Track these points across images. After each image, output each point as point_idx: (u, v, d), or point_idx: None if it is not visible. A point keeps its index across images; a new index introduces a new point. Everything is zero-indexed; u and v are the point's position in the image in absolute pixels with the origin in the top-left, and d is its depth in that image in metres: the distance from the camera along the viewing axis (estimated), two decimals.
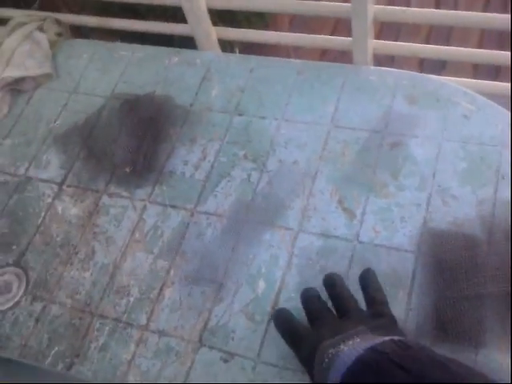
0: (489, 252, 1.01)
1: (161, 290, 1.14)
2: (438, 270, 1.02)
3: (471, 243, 1.03)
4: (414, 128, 1.22)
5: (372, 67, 1.35)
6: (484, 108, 1.21)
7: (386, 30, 2.84)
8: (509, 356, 0.93)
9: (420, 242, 1.08)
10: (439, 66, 2.56)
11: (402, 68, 1.32)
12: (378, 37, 1.36)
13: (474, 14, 1.25)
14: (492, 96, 1.26)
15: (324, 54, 2.46)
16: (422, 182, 1.15)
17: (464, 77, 1.40)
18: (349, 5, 1.26)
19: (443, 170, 1.15)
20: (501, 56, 1.29)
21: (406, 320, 1.00)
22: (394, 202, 1.14)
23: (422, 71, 1.38)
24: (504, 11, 1.23)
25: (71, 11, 1.73)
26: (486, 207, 1.08)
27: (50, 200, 1.33)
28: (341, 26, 2.95)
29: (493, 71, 2.48)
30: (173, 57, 1.50)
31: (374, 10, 1.28)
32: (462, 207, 1.10)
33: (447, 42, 2.76)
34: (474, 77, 1.44)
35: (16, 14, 1.70)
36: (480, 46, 2.67)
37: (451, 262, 1.01)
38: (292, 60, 1.42)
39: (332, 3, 1.31)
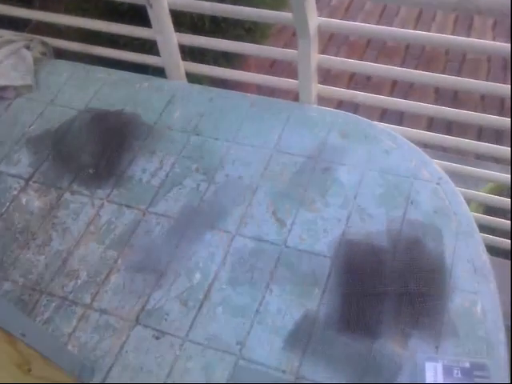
0: (391, 259, 1.19)
1: (107, 275, 1.27)
2: (348, 271, 1.19)
3: (378, 252, 1.21)
4: (343, 157, 1.42)
5: (314, 106, 1.57)
6: (402, 146, 1.43)
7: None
8: (401, 345, 1.09)
9: (337, 249, 1.25)
10: (398, 118, 2.84)
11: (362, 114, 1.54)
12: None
13: (416, 71, 1.48)
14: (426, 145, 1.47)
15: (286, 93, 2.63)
16: (344, 201, 1.34)
17: (418, 129, 1.63)
18: (296, 51, 1.49)
19: (364, 193, 1.35)
20: (453, 113, 1.52)
21: (317, 311, 1.16)
22: (320, 216, 1.32)
23: (382, 121, 1.60)
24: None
25: (58, 36, 1.91)
26: (394, 225, 1.27)
27: (15, 192, 1.46)
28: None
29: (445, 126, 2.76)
30: (143, 82, 1.70)
31: (317, 58, 1.51)
32: (376, 224, 1.29)
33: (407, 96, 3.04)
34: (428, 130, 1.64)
35: (5, 34, 1.88)
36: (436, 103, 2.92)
37: (360, 265, 1.19)
38: (248, 94, 1.63)
39: (282, 49, 1.54)
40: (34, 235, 1.36)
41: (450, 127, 2.76)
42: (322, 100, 1.61)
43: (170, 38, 1.62)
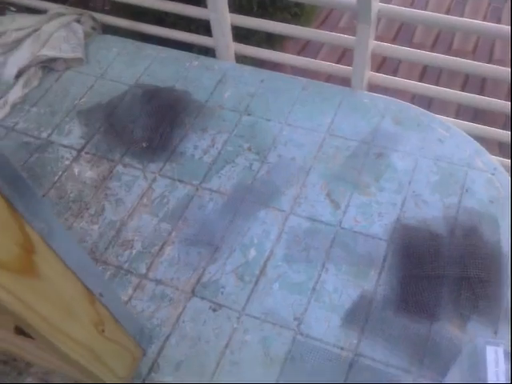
0: (449, 244, 1.19)
1: (162, 247, 1.28)
2: (406, 254, 1.19)
3: (435, 237, 1.21)
4: (396, 144, 1.43)
5: (366, 92, 1.57)
6: (456, 136, 1.43)
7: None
8: (460, 328, 1.09)
9: (393, 232, 1.25)
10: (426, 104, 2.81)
11: (395, 97, 1.54)
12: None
13: (459, 60, 1.48)
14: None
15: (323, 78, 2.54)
16: (399, 187, 1.34)
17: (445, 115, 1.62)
18: (353, 37, 1.49)
19: (418, 179, 1.35)
20: (482, 100, 1.52)
21: (374, 292, 1.16)
22: (374, 200, 1.32)
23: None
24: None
25: (103, 11, 1.91)
26: (450, 212, 1.27)
27: (68, 162, 1.47)
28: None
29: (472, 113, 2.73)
30: (194, 61, 1.70)
31: (373, 44, 1.51)
32: (431, 210, 1.29)
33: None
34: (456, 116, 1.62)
35: (53, 7, 1.89)
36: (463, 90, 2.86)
37: (418, 249, 1.19)
38: (299, 77, 1.64)
39: (339, 34, 1.55)
40: (87, 205, 1.37)
41: (475, 117, 2.72)
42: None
43: (224, 18, 1.62)
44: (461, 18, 1.47)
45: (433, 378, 1.04)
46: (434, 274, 1.15)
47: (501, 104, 1.52)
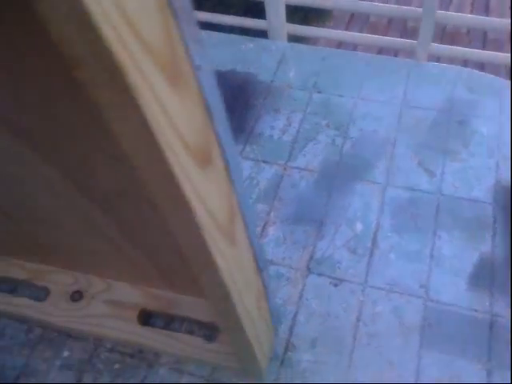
0: None
1: (264, 227, 1.24)
2: None
3: None
4: (475, 110, 1.43)
5: (432, 63, 1.57)
6: None
7: None
8: None
9: (496, 194, 1.25)
10: None
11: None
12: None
13: None
14: None
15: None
16: (489, 151, 1.34)
17: None
18: (420, 9, 1.49)
19: (506, 143, 1.35)
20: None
21: (493, 253, 1.15)
22: (468, 165, 1.32)
23: None
24: None
25: None
26: None
27: None
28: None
29: None
30: (248, 43, 1.66)
31: (437, 14, 1.51)
32: None
33: None
34: None
35: None
36: None
37: None
38: (359, 53, 1.62)
39: (405, 7, 1.54)
40: None
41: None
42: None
43: None
44: None
45: None
46: None
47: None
